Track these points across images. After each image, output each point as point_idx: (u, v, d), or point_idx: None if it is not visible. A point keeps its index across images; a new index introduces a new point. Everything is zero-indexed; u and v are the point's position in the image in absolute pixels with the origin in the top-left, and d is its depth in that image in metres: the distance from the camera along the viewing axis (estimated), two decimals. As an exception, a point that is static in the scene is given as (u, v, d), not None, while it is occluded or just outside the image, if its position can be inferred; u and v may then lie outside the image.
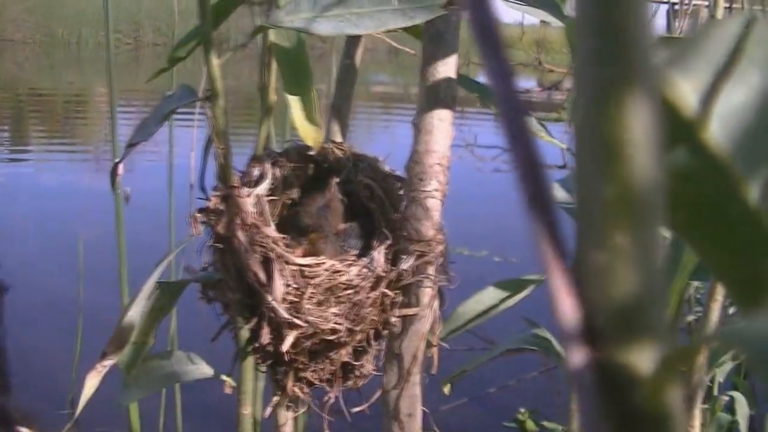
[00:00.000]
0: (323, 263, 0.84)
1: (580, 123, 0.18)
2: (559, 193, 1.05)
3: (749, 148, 0.28)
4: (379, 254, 0.85)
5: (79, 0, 18.08)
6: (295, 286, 0.83)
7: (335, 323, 0.83)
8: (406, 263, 0.85)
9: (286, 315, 0.82)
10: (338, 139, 1.00)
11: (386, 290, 0.85)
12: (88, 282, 2.66)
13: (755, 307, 0.31)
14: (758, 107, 0.28)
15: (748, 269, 0.30)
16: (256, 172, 0.92)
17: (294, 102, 0.88)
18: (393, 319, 0.87)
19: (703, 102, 0.27)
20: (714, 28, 0.27)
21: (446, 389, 1.14)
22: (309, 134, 0.88)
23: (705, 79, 0.27)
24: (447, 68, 0.86)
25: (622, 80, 0.18)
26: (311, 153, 0.93)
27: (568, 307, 0.18)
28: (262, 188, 0.89)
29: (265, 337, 0.84)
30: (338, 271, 0.84)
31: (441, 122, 0.86)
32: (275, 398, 0.93)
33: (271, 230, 0.85)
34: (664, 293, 0.18)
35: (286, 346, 0.82)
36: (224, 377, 0.97)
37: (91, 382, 0.84)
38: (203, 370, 0.98)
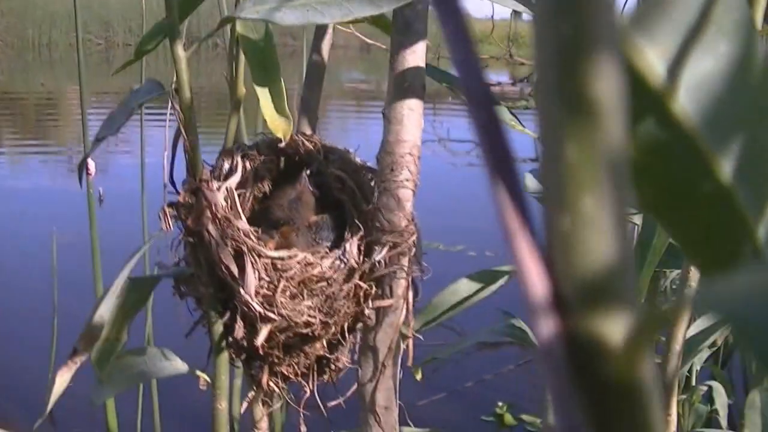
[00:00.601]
0: (296, 256, 0.83)
1: (541, 82, 0.18)
2: (531, 184, 1.04)
3: (718, 120, 0.27)
4: (351, 246, 0.85)
5: (51, 2, 18.01)
6: (267, 279, 0.82)
7: (309, 316, 0.83)
8: (379, 254, 0.85)
9: (259, 308, 0.81)
10: (308, 131, 0.99)
11: (360, 282, 0.84)
12: (63, 284, 2.64)
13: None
14: (727, 77, 0.27)
15: (718, 246, 0.30)
16: (226, 165, 0.91)
17: (263, 94, 0.87)
18: (367, 311, 0.86)
19: (670, 70, 0.26)
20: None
21: (418, 376, 1.13)
22: (279, 126, 0.87)
23: (671, 45, 0.26)
24: (415, 57, 0.85)
25: (583, 36, 0.17)
26: (282, 145, 0.92)
27: (534, 277, 0.17)
28: (233, 181, 0.88)
29: (239, 331, 0.83)
30: (311, 264, 0.83)
31: (411, 112, 0.85)
32: (251, 394, 0.92)
33: (243, 223, 0.84)
34: (633, 260, 0.18)
35: (260, 339, 0.81)
36: (199, 372, 0.96)
37: (62, 379, 0.83)
38: (177, 366, 0.96)
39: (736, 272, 0.17)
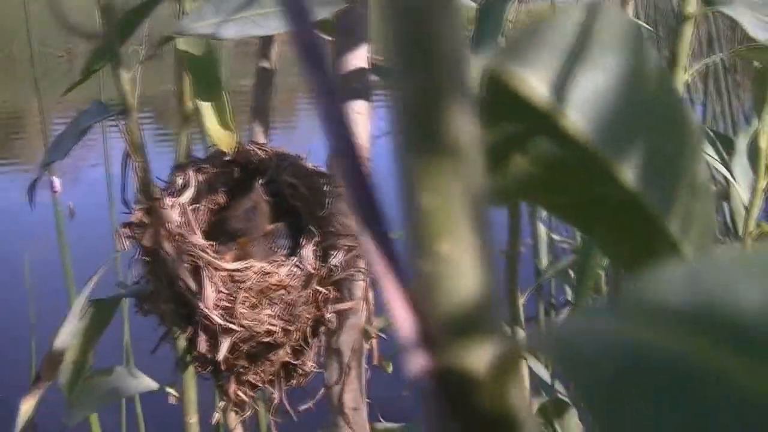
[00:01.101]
0: (252, 266, 0.84)
1: (397, 132, 0.18)
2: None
3: (617, 130, 0.28)
4: (307, 252, 0.85)
5: (7, 15, 17.86)
6: (226, 291, 0.82)
7: (270, 324, 0.83)
8: (336, 258, 0.85)
9: (219, 321, 0.82)
10: (261, 139, 0.99)
11: (318, 287, 0.85)
12: (39, 303, 2.62)
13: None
14: (620, 88, 0.28)
15: (633, 246, 0.31)
16: (180, 180, 0.91)
17: (206, 108, 0.87)
18: (328, 315, 0.87)
19: (556, 91, 0.27)
20: (554, 18, 0.27)
21: (389, 369, 1.14)
22: (222, 139, 0.88)
23: (552, 69, 0.27)
24: (358, 60, 0.86)
25: (436, 86, 0.18)
26: (228, 158, 0.93)
27: (402, 316, 0.18)
28: (186, 197, 0.89)
29: (202, 345, 0.84)
30: (268, 273, 0.84)
31: (358, 115, 0.86)
32: (221, 404, 0.92)
33: (198, 238, 0.84)
34: (496, 294, 0.19)
35: (221, 353, 0.82)
36: (168, 389, 0.96)
37: (26, 406, 0.84)
38: (146, 383, 0.97)
39: (583, 313, 0.18)
